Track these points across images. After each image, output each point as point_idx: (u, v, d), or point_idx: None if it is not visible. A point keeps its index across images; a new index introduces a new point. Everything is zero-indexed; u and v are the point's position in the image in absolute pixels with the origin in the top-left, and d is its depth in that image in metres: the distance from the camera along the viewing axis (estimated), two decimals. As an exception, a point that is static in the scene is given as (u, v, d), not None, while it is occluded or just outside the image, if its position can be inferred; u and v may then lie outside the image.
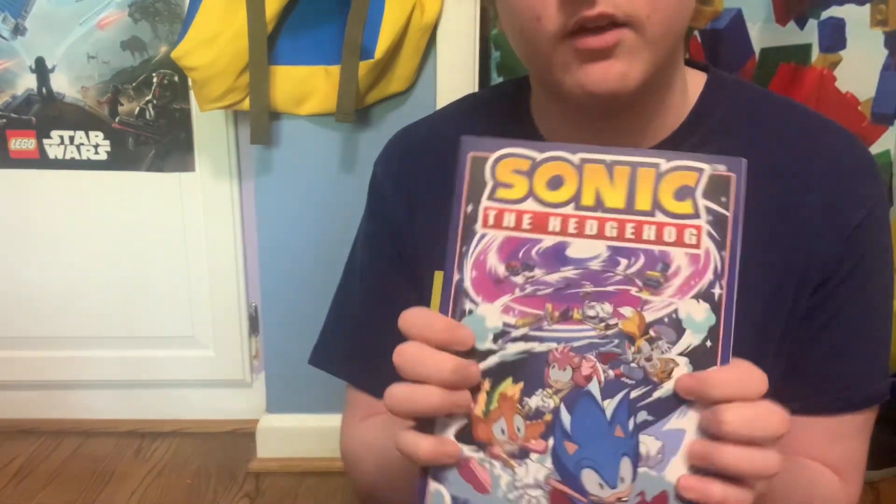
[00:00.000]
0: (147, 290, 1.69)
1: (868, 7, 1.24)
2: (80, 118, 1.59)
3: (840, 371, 0.65)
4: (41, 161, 1.62)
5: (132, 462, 1.63)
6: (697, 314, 0.46)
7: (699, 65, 0.69)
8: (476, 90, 1.38)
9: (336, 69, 1.33)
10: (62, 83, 1.58)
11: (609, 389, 0.46)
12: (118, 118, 1.60)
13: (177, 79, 1.57)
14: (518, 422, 0.47)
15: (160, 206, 1.64)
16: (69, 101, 1.59)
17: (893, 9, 1.24)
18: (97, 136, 1.61)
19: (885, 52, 1.26)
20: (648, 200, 0.47)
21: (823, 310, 0.64)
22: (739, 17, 1.28)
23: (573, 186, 0.47)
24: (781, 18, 1.27)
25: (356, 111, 1.35)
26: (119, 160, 1.62)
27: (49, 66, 1.56)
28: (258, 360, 1.73)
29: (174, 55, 1.32)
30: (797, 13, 1.26)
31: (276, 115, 1.41)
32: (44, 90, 1.58)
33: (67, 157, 1.61)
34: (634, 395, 0.46)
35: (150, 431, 1.73)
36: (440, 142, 0.72)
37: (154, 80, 1.57)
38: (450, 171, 0.49)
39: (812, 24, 1.26)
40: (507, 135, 0.69)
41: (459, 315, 0.48)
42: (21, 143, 1.61)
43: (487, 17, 1.37)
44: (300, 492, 1.53)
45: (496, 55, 1.40)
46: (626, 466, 0.46)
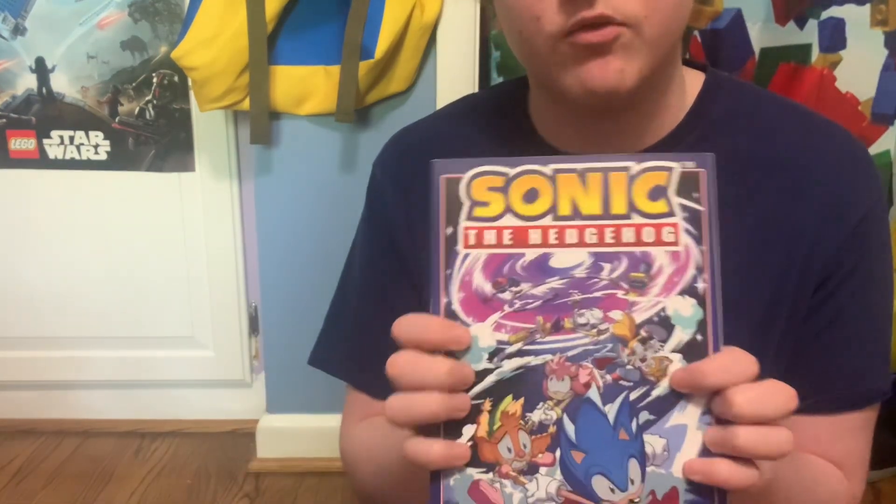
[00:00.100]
0: (147, 290, 1.69)
1: (868, 7, 1.24)
2: (80, 118, 1.59)
3: (843, 369, 0.66)
4: (41, 161, 1.62)
5: (132, 462, 1.63)
6: (685, 310, 0.46)
7: (697, 65, 0.69)
8: (476, 90, 1.38)
9: (336, 69, 1.33)
10: (62, 83, 1.58)
11: (608, 394, 0.47)
12: (118, 118, 1.60)
13: (177, 79, 1.57)
14: (523, 438, 0.47)
15: (160, 206, 1.64)
16: (69, 101, 1.59)
17: (893, 9, 1.24)
18: (97, 136, 1.61)
19: (885, 52, 1.26)
20: (624, 204, 0.47)
21: (825, 309, 0.64)
22: (739, 18, 1.28)
23: (549, 198, 0.48)
24: (781, 18, 1.27)
25: (356, 111, 1.35)
26: (119, 160, 1.62)
27: (49, 66, 1.56)
28: (258, 361, 1.73)
29: (174, 55, 1.32)
30: (797, 13, 1.26)
31: (276, 115, 1.41)
32: (44, 90, 1.58)
33: (67, 157, 1.61)
34: (634, 397, 0.46)
35: (150, 431, 1.73)
36: (439, 143, 0.73)
37: (154, 80, 1.58)
38: None
39: (812, 24, 1.26)
40: (507, 135, 0.70)
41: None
42: (21, 143, 1.61)
43: (487, 17, 1.37)
44: (300, 492, 1.53)
45: (496, 55, 1.40)
46: (635, 468, 0.46)
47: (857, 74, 1.27)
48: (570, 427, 0.47)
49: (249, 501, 1.51)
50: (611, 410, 0.47)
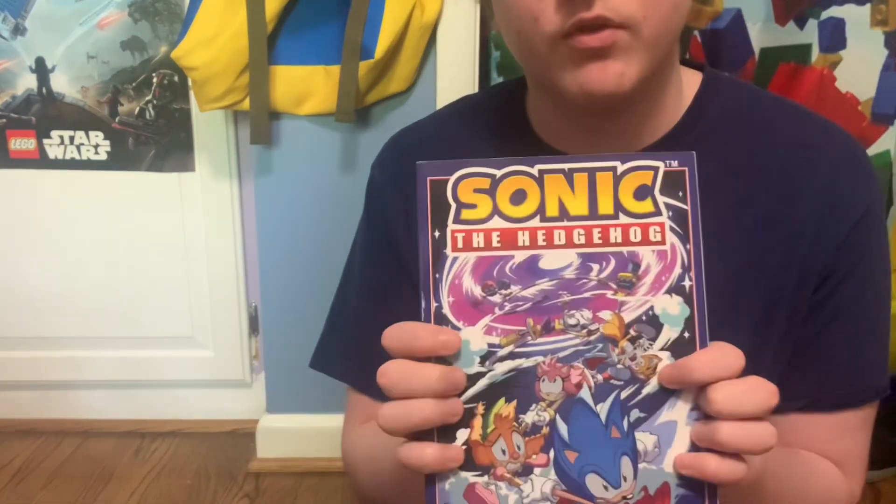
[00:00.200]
0: (147, 290, 1.69)
1: (868, 7, 1.24)
2: (80, 118, 1.60)
3: (842, 367, 0.66)
4: (41, 161, 1.62)
5: (132, 462, 1.63)
6: (672, 308, 0.47)
7: (695, 64, 0.69)
8: (476, 90, 1.38)
9: (336, 69, 1.33)
10: (62, 83, 1.58)
11: (600, 393, 0.47)
12: (118, 118, 1.60)
13: (177, 79, 1.57)
14: (517, 440, 0.48)
15: (160, 206, 1.64)
16: (69, 101, 1.59)
17: (893, 9, 1.24)
18: (97, 136, 1.61)
19: (885, 52, 1.26)
20: (610, 204, 0.48)
21: (824, 309, 0.64)
22: (739, 18, 1.28)
23: (536, 199, 0.48)
24: (781, 18, 1.27)
25: (356, 111, 1.35)
26: (119, 160, 1.62)
27: (49, 66, 1.57)
28: (258, 361, 1.73)
29: (174, 55, 1.32)
30: (797, 13, 1.26)
31: (276, 115, 1.41)
32: (44, 90, 1.58)
33: (67, 157, 1.62)
34: (625, 395, 0.47)
35: (150, 431, 1.73)
36: (437, 144, 0.73)
37: (154, 80, 1.58)
38: None
39: (812, 24, 1.26)
40: (505, 136, 0.70)
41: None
42: (21, 143, 1.61)
43: (487, 17, 1.36)
44: (300, 492, 1.53)
45: (496, 55, 1.40)
46: (627, 465, 0.47)
47: (857, 74, 1.27)
48: (563, 427, 0.47)
49: (249, 501, 1.51)
50: (602, 409, 0.47)
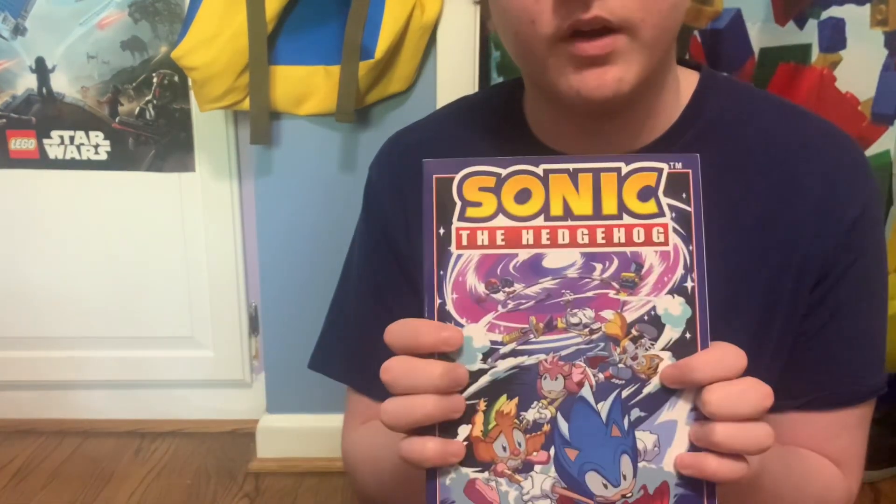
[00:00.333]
0: (147, 290, 1.69)
1: (868, 7, 1.24)
2: (80, 118, 1.60)
3: (840, 366, 0.66)
4: (41, 161, 1.62)
5: (132, 462, 1.63)
6: (674, 309, 0.47)
7: (692, 64, 0.69)
8: (476, 90, 1.38)
9: (336, 69, 1.33)
10: (62, 83, 1.58)
11: (601, 392, 0.48)
12: (118, 118, 1.60)
13: (177, 79, 1.57)
14: (518, 436, 0.48)
15: (160, 206, 1.64)
16: (69, 101, 1.59)
17: (893, 9, 1.24)
18: (97, 136, 1.61)
19: (885, 52, 1.26)
20: (614, 204, 0.48)
21: (822, 307, 0.65)
22: (739, 18, 1.28)
23: (540, 198, 0.48)
24: (780, 18, 1.27)
25: (356, 111, 1.35)
26: (119, 160, 1.62)
27: (49, 66, 1.57)
28: (258, 361, 1.73)
29: (174, 55, 1.32)
30: (796, 13, 1.26)
31: (276, 115, 1.41)
32: (44, 90, 1.58)
33: (67, 157, 1.62)
34: (626, 395, 0.48)
35: (150, 431, 1.73)
36: (434, 144, 0.73)
37: (154, 80, 1.58)
38: None
39: (812, 24, 1.26)
40: (502, 136, 0.70)
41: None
42: (21, 143, 1.61)
43: (485, 18, 1.37)
44: (300, 492, 1.53)
45: (496, 55, 1.40)
46: (627, 464, 0.47)
47: (857, 74, 1.27)
48: (564, 425, 0.48)
49: (249, 501, 1.51)
50: (603, 408, 0.48)
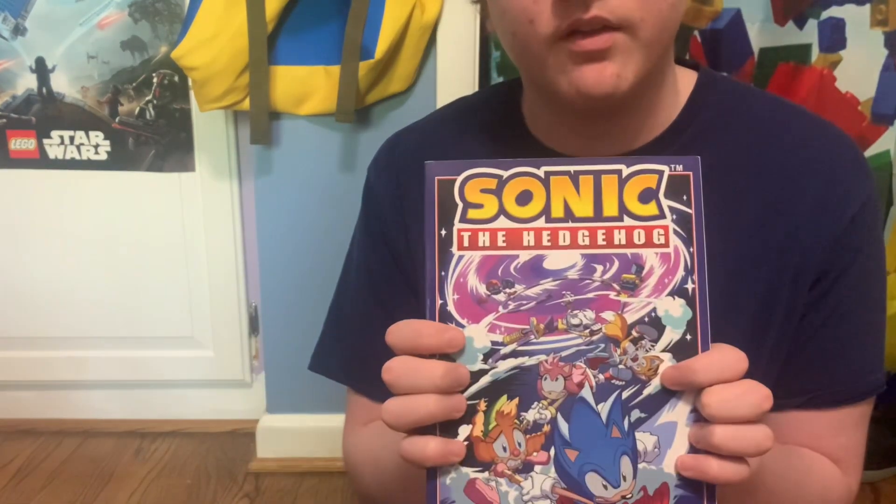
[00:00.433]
0: (147, 290, 1.69)
1: (868, 7, 1.24)
2: (80, 118, 1.60)
3: (839, 365, 0.66)
4: (41, 161, 1.62)
5: (132, 462, 1.63)
6: (674, 310, 0.48)
7: (690, 63, 0.69)
8: (476, 90, 1.38)
9: (336, 69, 1.33)
10: (62, 83, 1.58)
11: (601, 393, 0.48)
12: (118, 118, 1.60)
13: (177, 79, 1.57)
14: (518, 437, 0.48)
15: (160, 206, 1.64)
16: (69, 101, 1.59)
17: (893, 9, 1.24)
18: (97, 136, 1.61)
19: (885, 52, 1.26)
20: (615, 206, 0.48)
21: (821, 306, 0.65)
22: (738, 18, 1.28)
23: (542, 200, 0.49)
24: (780, 18, 1.27)
25: (356, 111, 1.35)
26: (119, 160, 1.62)
27: (49, 66, 1.57)
28: (258, 361, 1.73)
29: (174, 55, 1.32)
30: (796, 13, 1.26)
31: (276, 115, 1.41)
32: (44, 90, 1.58)
33: (67, 157, 1.62)
34: (626, 396, 0.48)
35: (150, 431, 1.73)
36: (433, 146, 0.73)
37: (154, 80, 1.58)
38: None
39: (812, 24, 1.26)
40: (500, 137, 0.70)
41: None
42: (21, 143, 1.61)
43: (484, 18, 1.36)
44: (300, 492, 1.54)
45: (496, 55, 1.40)
46: (627, 465, 0.48)
47: (857, 74, 1.27)
48: (564, 426, 0.48)
49: (249, 501, 1.51)
50: (603, 409, 0.48)
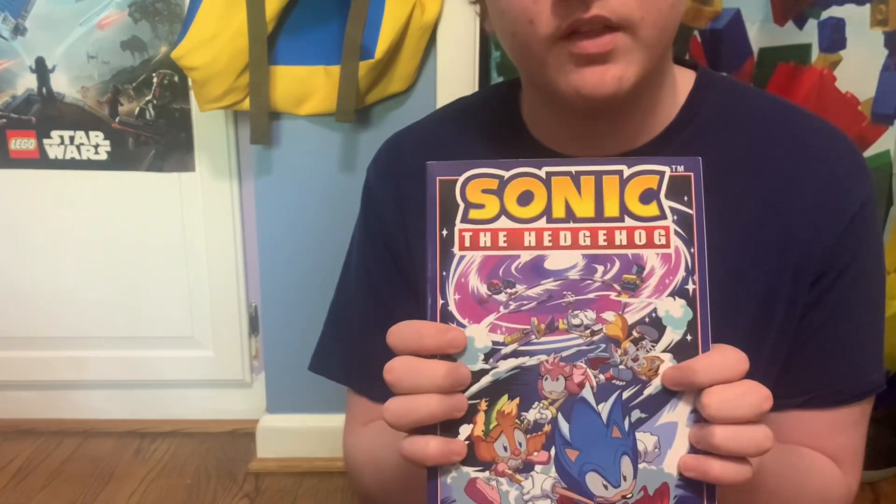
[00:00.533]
0: (147, 290, 1.69)
1: (868, 7, 1.24)
2: (80, 118, 1.60)
3: (839, 364, 0.66)
4: (41, 161, 1.62)
5: (132, 462, 1.63)
6: (675, 311, 0.48)
7: (688, 63, 0.69)
8: (476, 90, 1.38)
9: (336, 69, 1.33)
10: (62, 83, 1.58)
11: (602, 393, 0.48)
12: (118, 118, 1.60)
13: (177, 79, 1.57)
14: (519, 437, 0.48)
15: (160, 206, 1.64)
16: (69, 101, 1.59)
17: (893, 9, 1.24)
18: (97, 136, 1.61)
19: (885, 52, 1.26)
20: (616, 207, 0.48)
21: (821, 305, 0.65)
22: (738, 18, 1.28)
23: (543, 200, 0.49)
24: (780, 19, 1.27)
25: (356, 111, 1.35)
26: (119, 160, 1.62)
27: (49, 66, 1.57)
28: (258, 361, 1.73)
29: (174, 55, 1.32)
30: (795, 13, 1.26)
31: (276, 115, 1.41)
32: (44, 90, 1.58)
33: (67, 157, 1.62)
34: (626, 396, 0.48)
35: (150, 431, 1.73)
36: (432, 146, 0.73)
37: (154, 80, 1.58)
38: None
39: (812, 24, 1.26)
40: (499, 137, 0.70)
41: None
42: (21, 143, 1.61)
43: (482, 18, 1.37)
44: (300, 492, 1.54)
45: (496, 55, 1.40)
46: (627, 465, 0.48)
47: (857, 74, 1.27)
48: (565, 426, 0.48)
49: (249, 501, 1.51)
50: (604, 409, 0.48)
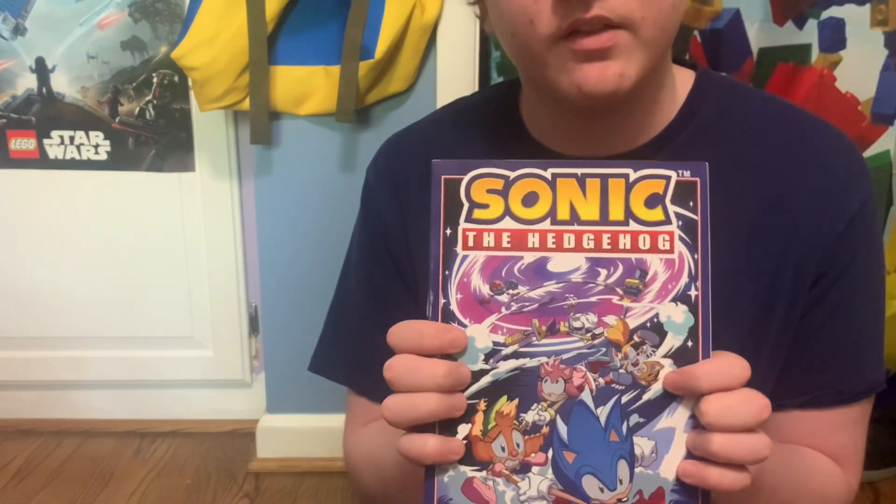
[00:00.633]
0: (147, 290, 1.69)
1: (868, 7, 1.24)
2: (80, 118, 1.60)
3: (839, 364, 0.66)
4: (41, 161, 1.62)
5: (132, 462, 1.63)
6: (677, 316, 0.48)
7: (688, 63, 0.69)
8: (476, 90, 1.38)
9: (336, 69, 1.33)
10: (62, 83, 1.58)
11: (601, 397, 0.48)
12: (118, 118, 1.60)
13: (177, 79, 1.57)
14: (517, 437, 0.48)
15: (160, 206, 1.64)
16: (69, 101, 1.59)
17: (893, 9, 1.24)
18: (97, 136, 1.61)
19: (885, 52, 1.26)
20: (621, 210, 0.48)
21: (821, 305, 0.65)
22: (738, 18, 1.28)
23: (548, 202, 0.49)
24: (779, 19, 1.27)
25: (356, 111, 1.35)
26: (119, 160, 1.62)
27: (49, 66, 1.57)
28: (258, 361, 1.73)
29: (174, 55, 1.32)
30: (795, 13, 1.26)
31: (276, 115, 1.41)
32: (44, 90, 1.58)
33: (67, 157, 1.62)
34: (625, 400, 0.48)
35: (150, 431, 1.73)
36: (431, 147, 0.73)
37: (154, 80, 1.58)
38: None
39: (812, 24, 1.26)
40: (499, 137, 0.70)
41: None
42: (21, 143, 1.61)
43: (481, 18, 1.37)
44: (300, 492, 1.53)
45: (496, 55, 1.40)
46: (624, 468, 0.48)
47: (857, 74, 1.27)
48: (563, 428, 0.48)
49: (249, 501, 1.51)
50: (602, 412, 0.48)
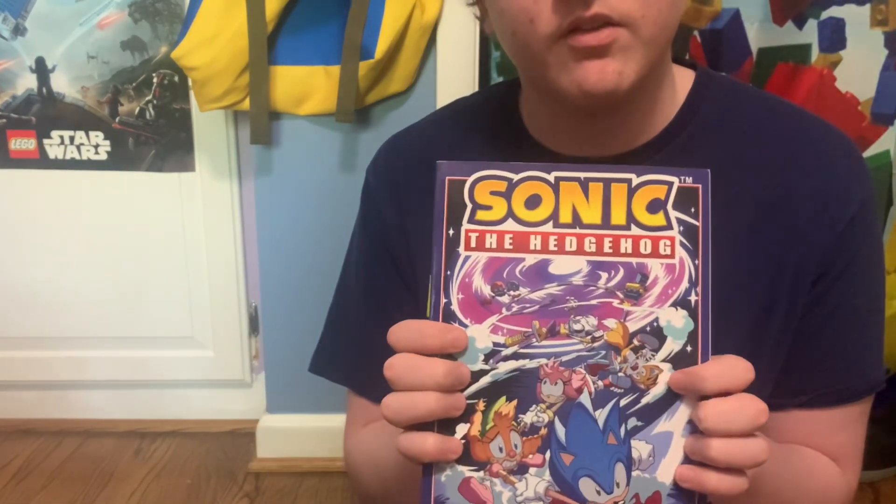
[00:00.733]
0: (147, 290, 1.69)
1: (868, 7, 1.24)
2: (80, 118, 1.60)
3: (839, 363, 0.66)
4: (41, 161, 1.62)
5: (132, 462, 1.63)
6: (677, 321, 0.48)
7: (687, 63, 0.69)
8: (476, 90, 1.38)
9: (336, 69, 1.33)
10: (62, 83, 1.58)
11: (599, 399, 0.48)
12: (118, 118, 1.60)
13: (177, 79, 1.57)
14: (515, 438, 0.48)
15: (160, 206, 1.64)
16: (69, 101, 1.59)
17: (893, 9, 1.24)
18: (97, 136, 1.61)
19: (885, 52, 1.26)
20: (623, 215, 0.49)
21: (821, 305, 0.65)
22: (737, 18, 1.28)
23: (550, 205, 0.49)
24: (779, 19, 1.27)
25: (356, 111, 1.35)
26: (119, 160, 1.62)
27: (49, 66, 1.57)
28: (258, 361, 1.73)
29: (174, 55, 1.32)
30: (795, 13, 1.26)
31: (276, 115, 1.41)
32: (44, 90, 1.58)
33: (67, 157, 1.62)
34: (624, 403, 0.48)
35: (150, 431, 1.73)
36: (430, 147, 0.73)
37: (154, 80, 1.58)
38: None
39: (811, 24, 1.26)
40: (499, 137, 0.70)
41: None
42: (21, 143, 1.61)
43: (481, 18, 1.37)
44: (300, 492, 1.54)
45: (496, 55, 1.40)
46: (621, 472, 0.48)
47: (857, 74, 1.27)
48: (561, 430, 0.48)
49: (249, 501, 1.51)
50: (601, 415, 0.48)
